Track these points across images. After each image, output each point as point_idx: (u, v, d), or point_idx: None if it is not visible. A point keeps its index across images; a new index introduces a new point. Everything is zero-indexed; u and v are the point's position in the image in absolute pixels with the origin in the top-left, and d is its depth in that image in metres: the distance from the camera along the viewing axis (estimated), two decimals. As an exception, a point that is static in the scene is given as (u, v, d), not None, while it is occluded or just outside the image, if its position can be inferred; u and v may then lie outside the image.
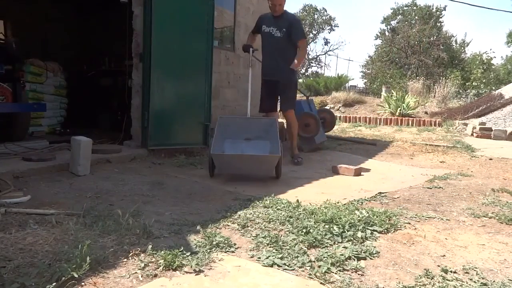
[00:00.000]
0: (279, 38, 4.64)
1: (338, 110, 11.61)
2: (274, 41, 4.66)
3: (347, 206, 2.81)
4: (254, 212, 2.62)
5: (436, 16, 27.47)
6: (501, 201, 3.17)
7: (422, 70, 23.56)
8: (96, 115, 6.82)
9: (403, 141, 6.88)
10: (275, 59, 4.69)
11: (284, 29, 4.62)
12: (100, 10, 7.09)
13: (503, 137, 7.78)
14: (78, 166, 3.57)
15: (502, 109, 10.41)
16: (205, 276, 1.76)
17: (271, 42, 4.68)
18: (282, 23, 4.64)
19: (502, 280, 1.82)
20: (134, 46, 4.69)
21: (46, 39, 6.71)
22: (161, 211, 2.67)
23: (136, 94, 4.72)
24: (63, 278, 1.60)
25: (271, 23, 4.67)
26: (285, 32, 4.62)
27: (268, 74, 4.77)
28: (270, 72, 4.74)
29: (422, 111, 10.77)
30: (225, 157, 3.77)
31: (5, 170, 3.32)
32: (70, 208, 2.57)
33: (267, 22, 4.70)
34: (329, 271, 1.83)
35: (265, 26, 4.70)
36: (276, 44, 4.65)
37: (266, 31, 4.69)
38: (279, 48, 4.66)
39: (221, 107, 6.21)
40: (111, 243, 2.02)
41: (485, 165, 5.04)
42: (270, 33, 4.66)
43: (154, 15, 4.44)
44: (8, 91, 4.47)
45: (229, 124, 4.09)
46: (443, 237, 2.37)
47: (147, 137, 4.56)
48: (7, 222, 2.27)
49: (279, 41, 4.64)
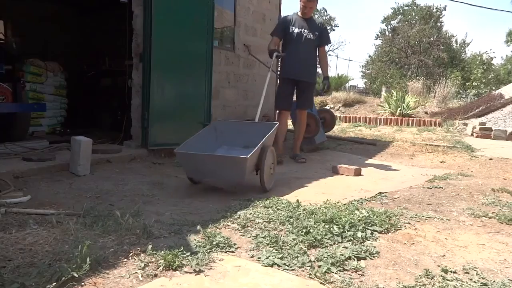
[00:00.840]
0: (311, 40, 4.74)
1: (338, 110, 11.61)
2: (305, 42, 4.72)
3: (347, 206, 2.81)
4: (254, 212, 2.62)
5: (436, 16, 27.49)
6: (501, 201, 3.17)
7: (422, 70, 23.59)
8: (96, 115, 6.83)
9: (403, 141, 6.88)
10: (305, 60, 4.75)
11: (316, 32, 4.76)
12: (100, 10, 7.09)
13: (503, 137, 7.78)
14: (78, 166, 3.57)
15: (502, 109, 10.40)
16: (205, 276, 1.76)
17: (301, 42, 4.71)
18: (314, 26, 4.78)
19: (502, 280, 1.82)
20: (134, 46, 4.69)
21: (46, 39, 6.71)
22: (161, 211, 2.67)
23: (136, 94, 4.72)
24: (63, 278, 1.60)
25: (302, 25, 4.74)
26: (317, 35, 4.76)
27: (295, 74, 4.77)
28: (298, 72, 4.76)
29: (422, 111, 10.77)
30: (186, 156, 3.24)
31: (5, 170, 3.32)
32: (70, 208, 2.58)
33: (296, 24, 4.74)
34: (329, 271, 1.83)
35: (294, 27, 4.73)
36: (308, 45, 4.74)
37: (296, 32, 4.72)
38: (309, 50, 4.77)
39: (221, 107, 6.21)
40: (111, 243, 2.02)
41: (485, 165, 5.04)
42: (301, 34, 4.71)
43: (154, 15, 4.44)
44: (8, 91, 4.47)
45: (225, 129, 3.81)
46: (443, 237, 2.36)
47: (147, 137, 4.57)
48: (7, 222, 2.27)
49: (311, 43, 4.75)
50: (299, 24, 4.75)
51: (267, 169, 3.34)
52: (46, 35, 6.79)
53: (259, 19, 7.10)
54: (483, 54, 25.63)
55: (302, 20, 4.78)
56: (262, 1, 7.12)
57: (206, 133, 3.75)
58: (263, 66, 7.14)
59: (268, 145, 3.42)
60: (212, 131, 3.82)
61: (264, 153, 3.31)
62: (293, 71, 4.77)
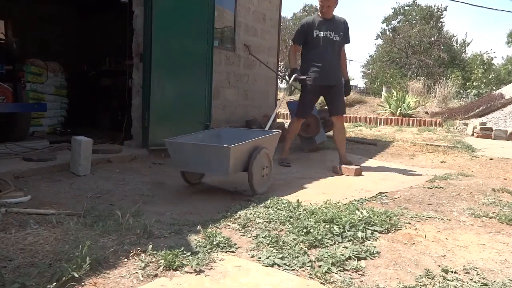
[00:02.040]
0: (337, 42, 4.47)
1: (339, 110, 11.59)
2: (332, 45, 4.45)
3: (347, 206, 2.80)
4: (254, 212, 2.62)
5: (437, 16, 27.49)
6: (502, 201, 3.17)
7: (423, 70, 23.60)
8: (96, 115, 6.83)
9: (404, 141, 6.88)
10: (334, 64, 4.49)
11: (341, 32, 4.49)
12: (101, 10, 7.09)
13: (504, 137, 7.78)
14: (79, 166, 3.57)
15: (502, 109, 10.41)
16: (205, 276, 1.76)
17: (328, 46, 4.43)
18: (338, 26, 4.49)
19: (502, 280, 1.82)
20: (135, 46, 4.69)
21: (46, 39, 6.72)
22: (161, 211, 2.67)
23: (137, 94, 4.72)
24: (63, 278, 1.60)
25: (326, 27, 4.43)
26: (342, 36, 4.50)
27: (326, 79, 4.46)
28: (329, 77, 4.46)
29: (422, 111, 10.77)
30: (174, 145, 3.24)
31: (5, 170, 3.32)
32: (71, 208, 2.58)
33: (319, 26, 4.43)
34: (330, 271, 1.83)
35: (318, 31, 4.42)
36: (334, 48, 4.47)
37: (321, 36, 4.42)
38: (336, 52, 4.51)
39: (222, 107, 6.22)
40: (112, 243, 2.02)
41: (486, 165, 5.04)
42: (327, 38, 4.42)
43: (155, 15, 4.44)
44: (9, 91, 4.47)
45: (227, 135, 3.79)
46: (444, 237, 2.36)
47: (147, 137, 4.57)
48: (8, 222, 2.27)
49: (337, 45, 4.48)
50: (321, 27, 4.43)
51: (257, 170, 3.21)
52: (47, 35, 6.80)
53: (259, 19, 7.10)
54: (483, 54, 25.62)
55: (325, 21, 4.45)
56: (262, 1, 7.13)
57: (207, 134, 3.75)
58: (263, 66, 7.14)
59: (261, 147, 3.30)
60: (215, 134, 3.82)
61: (255, 152, 3.21)
62: (325, 77, 4.45)
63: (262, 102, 7.34)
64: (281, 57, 12.72)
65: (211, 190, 3.34)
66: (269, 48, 7.45)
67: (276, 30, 7.72)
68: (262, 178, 3.29)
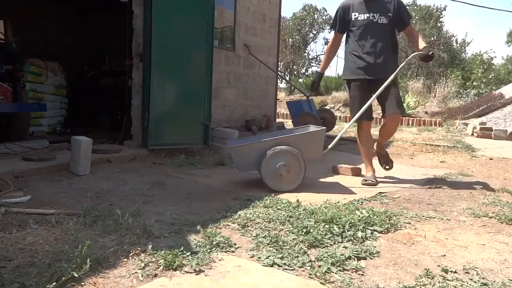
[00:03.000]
0: (385, 25, 3.66)
1: (338, 110, 11.62)
2: (378, 30, 3.66)
3: (347, 206, 2.80)
4: (254, 212, 2.62)
5: (436, 16, 27.46)
6: (502, 201, 3.17)
7: (423, 70, 23.56)
8: (96, 115, 6.82)
9: (403, 141, 6.88)
10: (382, 52, 3.66)
11: (389, 13, 3.66)
12: (100, 10, 7.09)
13: (504, 137, 7.78)
14: (78, 166, 3.57)
15: (502, 109, 10.41)
16: (205, 276, 1.76)
17: (374, 31, 3.66)
18: (384, 5, 3.68)
19: (502, 280, 1.82)
20: (134, 46, 4.69)
21: (46, 39, 6.71)
22: (161, 211, 2.67)
23: (136, 94, 4.72)
24: (63, 278, 1.60)
25: (367, 8, 3.67)
26: (391, 17, 3.66)
27: (371, 72, 3.69)
28: (375, 69, 3.67)
29: (422, 111, 10.77)
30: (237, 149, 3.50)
31: (5, 170, 3.32)
32: (70, 208, 2.58)
33: (359, 9, 3.70)
34: (329, 271, 1.83)
35: (358, 13, 3.70)
36: (382, 33, 3.67)
37: (363, 19, 3.68)
38: (385, 38, 3.69)
39: (222, 107, 6.22)
40: (111, 243, 2.02)
41: (486, 165, 5.04)
42: (371, 21, 3.65)
43: (154, 15, 4.44)
44: (8, 91, 4.47)
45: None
46: (444, 237, 2.36)
47: (147, 137, 4.56)
48: (7, 222, 2.27)
49: (385, 29, 3.68)
50: (362, 9, 3.70)
51: (269, 166, 3.31)
52: (46, 35, 6.79)
53: (259, 19, 7.10)
54: (483, 54, 25.61)
55: (366, 1, 3.69)
56: (262, 1, 7.13)
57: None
58: (263, 66, 7.14)
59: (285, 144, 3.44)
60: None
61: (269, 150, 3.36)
62: (368, 70, 3.69)
63: (262, 102, 7.35)
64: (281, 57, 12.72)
65: (211, 190, 3.34)
66: (269, 48, 7.45)
67: (276, 30, 7.72)
68: (280, 176, 3.36)
